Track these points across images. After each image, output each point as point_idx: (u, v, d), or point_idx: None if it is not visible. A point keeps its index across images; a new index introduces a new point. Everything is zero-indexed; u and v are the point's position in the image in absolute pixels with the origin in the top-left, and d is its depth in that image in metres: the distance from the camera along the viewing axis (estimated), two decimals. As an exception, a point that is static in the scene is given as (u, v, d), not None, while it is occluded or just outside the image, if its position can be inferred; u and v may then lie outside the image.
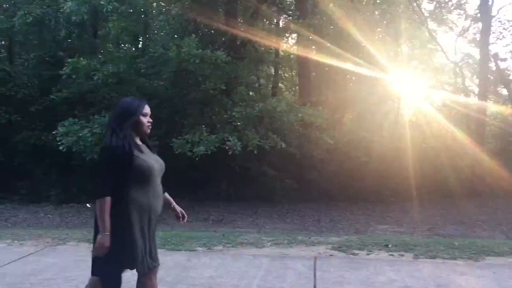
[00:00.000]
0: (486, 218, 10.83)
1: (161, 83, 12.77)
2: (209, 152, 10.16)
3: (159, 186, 2.93)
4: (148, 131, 2.91)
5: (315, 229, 9.71)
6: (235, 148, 10.03)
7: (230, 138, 10.18)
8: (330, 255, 5.57)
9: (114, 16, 12.58)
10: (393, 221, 10.71)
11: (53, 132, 10.64)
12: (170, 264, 5.04)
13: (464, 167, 13.85)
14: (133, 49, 14.62)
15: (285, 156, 13.26)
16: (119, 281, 2.84)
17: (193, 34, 10.81)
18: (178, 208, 3.18)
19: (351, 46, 13.30)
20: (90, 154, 10.32)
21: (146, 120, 2.87)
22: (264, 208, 11.75)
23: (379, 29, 16.70)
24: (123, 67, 11.13)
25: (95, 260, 2.81)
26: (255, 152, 11.16)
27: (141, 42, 15.08)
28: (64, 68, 10.97)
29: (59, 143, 10.24)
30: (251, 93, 14.27)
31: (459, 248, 5.81)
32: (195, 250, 5.73)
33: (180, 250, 5.71)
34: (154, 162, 2.88)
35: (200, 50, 10.27)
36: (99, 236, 2.69)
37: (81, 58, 10.86)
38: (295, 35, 15.05)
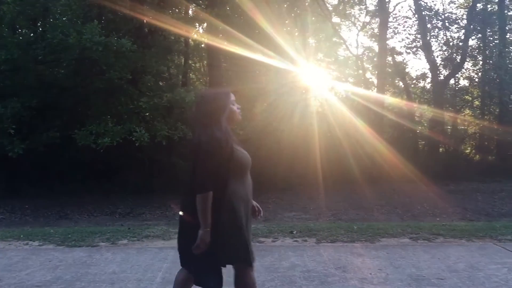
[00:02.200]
0: (383, 203, 11.59)
1: (62, 71, 12.02)
2: (114, 144, 9.79)
3: (250, 177, 2.92)
4: (240, 117, 2.87)
5: (225, 219, 9.76)
6: (142, 139, 9.75)
7: (137, 129, 9.88)
8: (237, 244, 5.63)
9: (8, -1, 11.57)
10: (300, 208, 11.08)
11: None
12: (69, 261, 4.82)
13: (364, 155, 14.66)
14: (31, 34, 13.57)
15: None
16: (221, 277, 2.81)
17: (95, 20, 10.28)
18: (254, 203, 3.05)
19: (261, 37, 13.46)
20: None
21: (236, 108, 2.80)
22: (174, 199, 11.52)
23: (287, 22, 17.09)
24: (18, 53, 10.30)
25: (193, 258, 2.71)
26: (164, 143, 10.96)
27: (40, 28, 14.05)
28: (-51, 54, 9.93)
29: None
30: (160, 83, 13.94)
31: (358, 232, 6.18)
32: (98, 246, 5.52)
33: (81, 246, 5.48)
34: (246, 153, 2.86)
35: (104, 37, 9.80)
36: (201, 232, 2.61)
37: (-31, 43, 9.92)
38: (205, 24, 14.91)
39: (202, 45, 16.90)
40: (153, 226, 7.09)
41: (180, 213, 2.87)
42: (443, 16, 19.26)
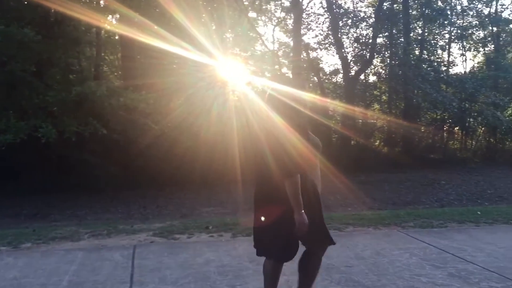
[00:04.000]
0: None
1: (-44, 62, 10.96)
2: (18, 141, 9.12)
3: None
4: None
5: (140, 217, 9.49)
6: (49, 135, 9.17)
7: (43, 125, 9.27)
8: (151, 242, 5.52)
9: None
10: (217, 203, 11.08)
11: None
12: (-37, 269, 4.42)
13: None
14: None
15: (109, 143, 12.63)
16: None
17: (-6, 7, 9.49)
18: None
19: (177, 30, 13.19)
20: None
21: None
22: (85, 198, 11.04)
23: (203, 15, 16.91)
24: None
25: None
26: (74, 139, 10.40)
27: None
28: None
29: None
30: (70, 76, 13.21)
31: (272, 224, 6.27)
32: (-3, 251, 5.12)
33: (-22, 252, 5.05)
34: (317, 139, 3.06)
35: (3, 26, 9.06)
36: (296, 216, 2.73)
37: None
38: (118, 15, 14.31)
39: (116, 37, 16.27)
40: (62, 227, 6.72)
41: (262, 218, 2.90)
42: (352, 14, 20.11)
